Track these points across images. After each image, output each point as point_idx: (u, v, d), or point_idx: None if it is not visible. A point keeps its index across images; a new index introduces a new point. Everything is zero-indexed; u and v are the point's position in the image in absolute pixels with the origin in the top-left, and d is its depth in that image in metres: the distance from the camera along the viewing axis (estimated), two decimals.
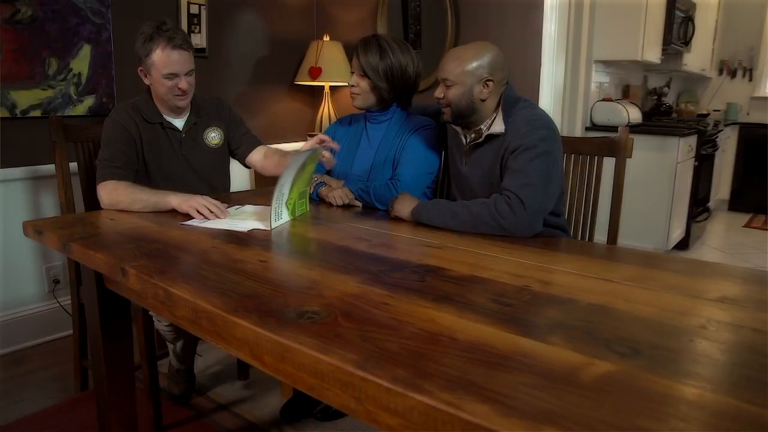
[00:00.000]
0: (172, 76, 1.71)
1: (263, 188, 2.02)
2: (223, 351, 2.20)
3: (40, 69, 2.34)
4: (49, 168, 2.39)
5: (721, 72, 5.87)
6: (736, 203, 5.69)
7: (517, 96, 1.62)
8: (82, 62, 2.46)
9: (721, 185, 5.57)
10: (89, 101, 2.50)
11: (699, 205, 4.32)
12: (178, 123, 1.85)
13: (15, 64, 2.27)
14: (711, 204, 5.01)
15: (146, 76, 1.77)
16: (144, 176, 1.81)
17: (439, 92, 1.61)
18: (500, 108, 1.59)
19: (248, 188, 3.07)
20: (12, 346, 2.38)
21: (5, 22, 2.22)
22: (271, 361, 0.95)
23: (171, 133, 1.84)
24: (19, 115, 2.30)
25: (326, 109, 3.33)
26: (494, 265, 1.19)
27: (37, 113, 2.35)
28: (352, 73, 1.83)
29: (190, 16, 2.84)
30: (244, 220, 1.54)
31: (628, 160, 1.79)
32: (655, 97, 4.97)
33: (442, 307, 0.94)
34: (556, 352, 0.79)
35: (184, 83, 1.73)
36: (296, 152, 1.57)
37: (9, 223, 2.35)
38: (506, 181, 1.46)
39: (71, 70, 2.43)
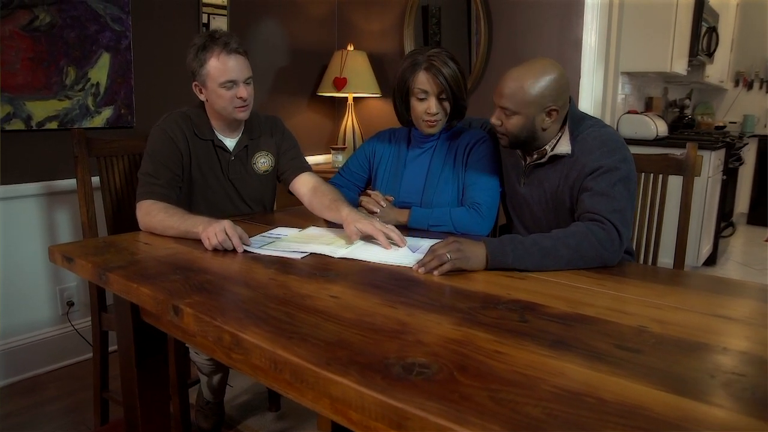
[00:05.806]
0: (231, 84, 1.56)
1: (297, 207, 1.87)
2: (252, 379, 2.05)
3: (57, 78, 2.20)
4: (66, 183, 2.26)
5: (737, 83, 5.79)
6: (754, 216, 5.59)
7: (582, 113, 1.49)
8: (100, 71, 2.32)
9: (741, 198, 5.47)
10: (107, 112, 2.37)
11: (724, 220, 4.21)
12: (229, 143, 1.69)
13: (31, 74, 2.13)
14: (734, 218, 4.90)
15: (201, 92, 1.61)
16: (186, 194, 1.66)
17: (496, 119, 1.45)
18: (566, 127, 1.47)
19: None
20: (24, 373, 2.23)
21: (22, 29, 2.08)
22: (360, 419, 0.81)
23: (221, 154, 1.67)
24: (35, 128, 2.16)
25: (350, 121, 3.20)
26: (592, 300, 1.06)
27: (53, 125, 2.21)
28: (421, 99, 1.59)
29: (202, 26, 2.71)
30: (306, 243, 1.41)
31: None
32: (677, 110, 4.87)
33: (564, 356, 0.81)
34: (730, 417, 0.66)
35: (243, 91, 1.57)
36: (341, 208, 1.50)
37: (22, 241, 2.20)
38: (590, 203, 1.32)
39: (89, 79, 2.29)
